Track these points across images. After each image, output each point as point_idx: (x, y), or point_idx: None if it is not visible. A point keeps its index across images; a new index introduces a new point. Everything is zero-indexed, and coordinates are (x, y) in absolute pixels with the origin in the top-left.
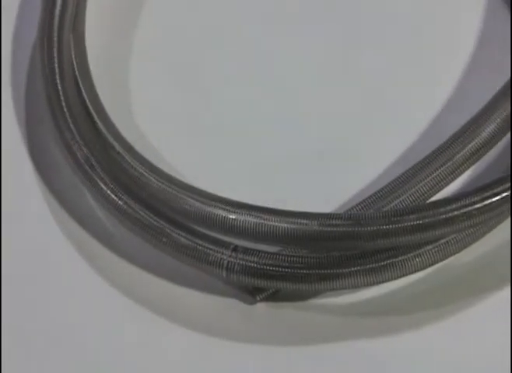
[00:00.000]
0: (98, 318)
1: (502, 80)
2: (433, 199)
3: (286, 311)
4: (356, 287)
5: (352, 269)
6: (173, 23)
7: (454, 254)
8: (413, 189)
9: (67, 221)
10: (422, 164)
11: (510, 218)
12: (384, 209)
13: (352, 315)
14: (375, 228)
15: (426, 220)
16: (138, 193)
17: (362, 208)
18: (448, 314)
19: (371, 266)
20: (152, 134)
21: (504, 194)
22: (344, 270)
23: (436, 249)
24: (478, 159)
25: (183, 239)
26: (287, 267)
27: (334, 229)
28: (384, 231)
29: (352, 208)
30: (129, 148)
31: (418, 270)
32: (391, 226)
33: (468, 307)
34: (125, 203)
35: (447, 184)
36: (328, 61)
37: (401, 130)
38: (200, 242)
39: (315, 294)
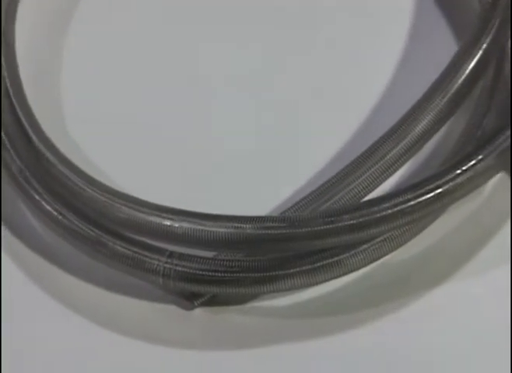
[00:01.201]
0: (33, 327)
1: (432, 77)
2: (368, 198)
3: (224, 316)
4: (294, 288)
5: (290, 271)
6: (104, 34)
7: (391, 252)
8: (347, 189)
9: (2, 231)
10: (355, 163)
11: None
12: (319, 210)
13: (290, 317)
14: (310, 229)
15: (360, 219)
16: (73, 204)
17: (297, 210)
18: (386, 312)
19: (308, 267)
20: (85, 145)
21: (438, 191)
22: (281, 273)
23: (373, 247)
24: (411, 156)
25: (119, 248)
26: (223, 272)
27: (270, 232)
28: (319, 232)
29: (287, 210)
30: (63, 159)
31: (355, 270)
32: (325, 227)
33: (405, 305)
34: (60, 213)
35: (380, 183)
36: (259, 60)
37: (334, 131)
38: (136, 249)
39: (253, 297)
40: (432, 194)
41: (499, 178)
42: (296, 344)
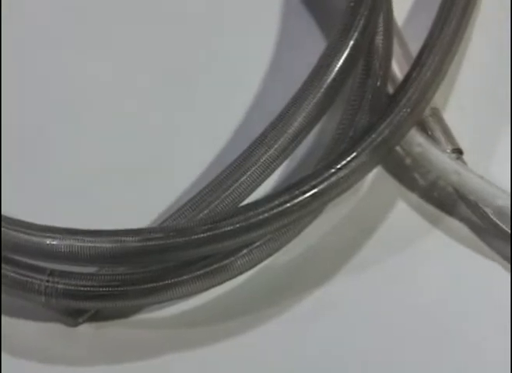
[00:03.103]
0: None
1: (303, 78)
2: (246, 202)
3: (109, 330)
4: (177, 298)
5: (172, 281)
6: None
7: (272, 254)
8: (225, 195)
9: None
10: (230, 169)
11: None
12: (198, 217)
13: (177, 327)
14: (190, 238)
15: (238, 225)
16: None
17: (177, 219)
18: (272, 314)
19: (191, 275)
20: None
21: (313, 191)
22: (163, 283)
23: (254, 251)
24: (286, 158)
25: None
26: (105, 286)
27: (152, 243)
28: (198, 241)
29: (166, 220)
30: None
31: (238, 274)
32: (205, 235)
33: (290, 306)
34: None
35: (257, 186)
36: (126, 76)
37: (208, 138)
38: (16, 270)
39: (137, 309)
40: (308, 195)
41: (375, 174)
42: (184, 353)
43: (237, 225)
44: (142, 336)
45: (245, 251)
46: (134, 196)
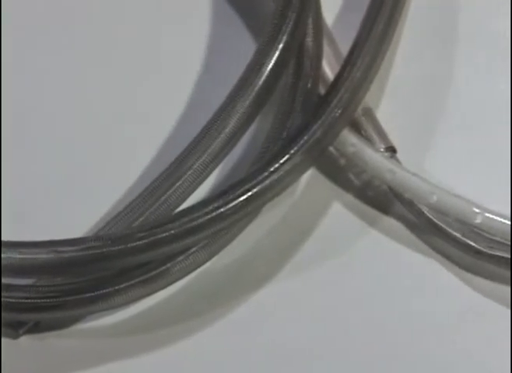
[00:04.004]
0: None
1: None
2: (181, 208)
3: (50, 341)
4: (118, 305)
5: (110, 289)
6: None
7: (209, 259)
8: (160, 201)
9: None
10: (164, 175)
11: None
12: (134, 225)
13: (118, 335)
14: (126, 246)
15: (172, 231)
16: None
17: (113, 227)
18: (213, 319)
19: (129, 283)
20: None
21: (248, 195)
22: (101, 292)
23: (191, 256)
24: (219, 162)
25: None
26: (44, 298)
27: (89, 253)
28: (135, 248)
29: (102, 228)
30: None
31: (176, 280)
32: (141, 242)
33: (230, 310)
34: None
35: (192, 192)
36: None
37: (141, 145)
38: None
39: (77, 319)
40: (242, 198)
41: (310, 175)
42: (126, 361)
43: (172, 232)
44: (84, 345)
45: (182, 257)
46: (68, 204)
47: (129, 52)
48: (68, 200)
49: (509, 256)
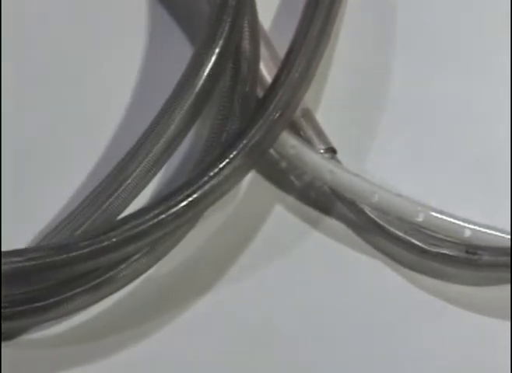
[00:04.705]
0: None
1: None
2: (123, 215)
3: None
4: (64, 315)
5: (55, 299)
6: None
7: (153, 266)
8: (102, 209)
9: None
10: (106, 182)
11: None
12: (76, 233)
13: (64, 344)
14: (69, 255)
15: (114, 239)
16: None
17: (55, 236)
18: (159, 325)
19: (75, 291)
20: None
21: (188, 200)
22: (46, 302)
23: (135, 263)
24: (159, 169)
25: None
26: None
27: (33, 263)
28: (79, 257)
29: (44, 238)
30: None
31: (121, 287)
32: (84, 250)
33: (175, 316)
34: None
35: (133, 198)
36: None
37: (80, 153)
38: None
39: (24, 329)
40: (183, 204)
41: (251, 179)
42: (73, 370)
43: (114, 240)
44: (30, 356)
45: (125, 264)
46: (11, 215)
47: (66, 60)
48: (11, 211)
49: (452, 254)
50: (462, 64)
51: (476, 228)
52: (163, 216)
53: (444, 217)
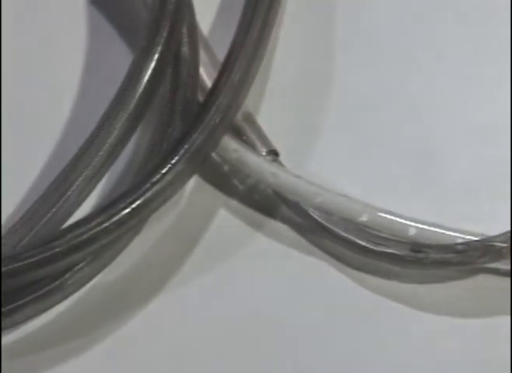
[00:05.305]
0: None
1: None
2: (68, 223)
3: None
4: (13, 325)
5: (3, 309)
6: None
7: (99, 273)
8: (45, 219)
9: None
10: (47, 194)
11: None
12: (21, 244)
13: (16, 353)
14: (14, 265)
15: (58, 249)
16: None
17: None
18: (108, 333)
19: (23, 301)
20: None
21: (131, 207)
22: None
23: (80, 271)
24: (102, 176)
25: None
26: None
27: None
28: (23, 267)
29: None
30: None
31: (68, 296)
32: (28, 261)
33: (124, 323)
34: None
35: (77, 207)
36: None
37: (22, 169)
38: None
39: None
40: (125, 212)
41: (194, 184)
42: None
43: (58, 249)
44: None
45: (70, 273)
46: None
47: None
48: None
49: (398, 253)
50: (403, 65)
51: (420, 226)
52: (107, 224)
53: (388, 216)
